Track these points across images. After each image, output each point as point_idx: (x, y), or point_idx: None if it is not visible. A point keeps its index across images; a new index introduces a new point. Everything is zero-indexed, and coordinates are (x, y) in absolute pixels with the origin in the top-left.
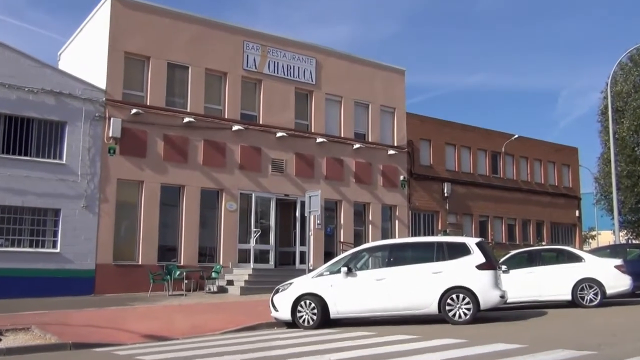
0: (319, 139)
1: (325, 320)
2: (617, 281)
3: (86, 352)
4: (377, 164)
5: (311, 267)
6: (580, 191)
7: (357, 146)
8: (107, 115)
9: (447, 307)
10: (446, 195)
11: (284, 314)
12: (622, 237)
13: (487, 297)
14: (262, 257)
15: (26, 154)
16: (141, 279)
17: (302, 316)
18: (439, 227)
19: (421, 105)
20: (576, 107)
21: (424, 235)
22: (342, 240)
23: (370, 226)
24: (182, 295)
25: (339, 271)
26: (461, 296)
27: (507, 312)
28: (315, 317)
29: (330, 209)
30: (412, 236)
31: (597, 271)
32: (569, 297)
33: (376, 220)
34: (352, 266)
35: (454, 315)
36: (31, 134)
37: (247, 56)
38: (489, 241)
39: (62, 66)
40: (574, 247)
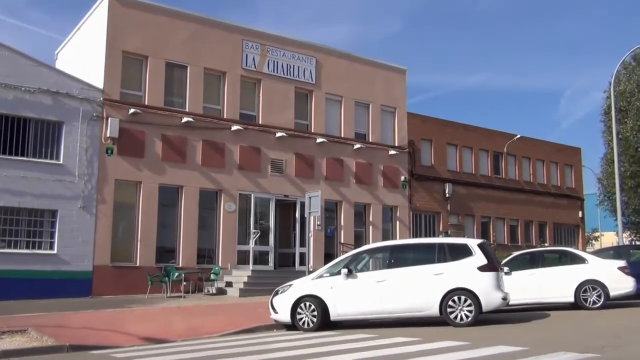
0: (319, 139)
1: (325, 322)
2: (620, 283)
3: (83, 354)
4: (378, 165)
5: (311, 269)
6: (583, 192)
7: (357, 146)
8: (104, 115)
9: (449, 309)
10: (447, 195)
11: (284, 316)
12: (625, 239)
13: (489, 299)
14: (261, 258)
15: (23, 155)
16: (139, 280)
17: (302, 318)
18: (441, 228)
19: (421, 105)
20: (579, 107)
21: (425, 236)
22: (342, 241)
23: (370, 227)
24: (180, 297)
25: (339, 273)
26: (463, 298)
27: (509, 314)
28: (315, 320)
29: (330, 210)
30: (413, 237)
31: (600, 273)
32: (572, 299)
33: (377, 221)
34: (352, 268)
35: (456, 317)
36: (28, 134)
37: (247, 55)
38: (491, 242)
39: (59, 65)
40: (577, 248)
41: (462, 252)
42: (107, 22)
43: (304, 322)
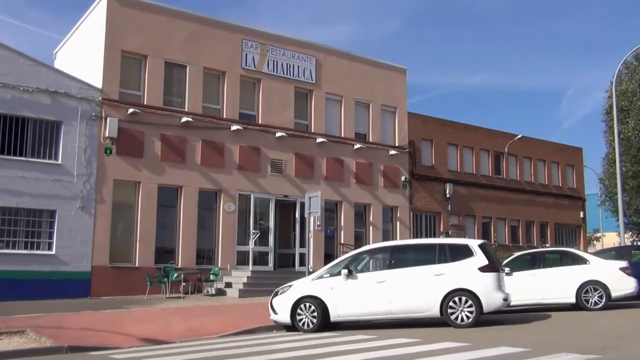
0: (319, 139)
1: (325, 323)
2: (622, 284)
3: (82, 355)
4: (378, 165)
5: (311, 270)
6: (584, 192)
7: (357, 146)
8: (103, 114)
9: (450, 310)
10: (448, 196)
11: (284, 317)
12: (627, 239)
13: (490, 299)
14: (261, 259)
15: (21, 154)
16: (138, 281)
17: (301, 319)
18: (441, 229)
19: (422, 105)
20: (580, 106)
21: (426, 236)
22: (342, 242)
23: (371, 227)
24: (179, 298)
25: (339, 273)
26: (464, 299)
27: (510, 315)
28: (315, 320)
29: (330, 210)
30: (413, 238)
31: (601, 273)
32: (573, 300)
33: (377, 221)
34: (352, 268)
35: (457, 318)
36: (26, 134)
37: (246, 55)
38: (492, 243)
39: (57, 65)
40: (578, 249)
41: (462, 252)
42: (106, 22)
43: (303, 323)
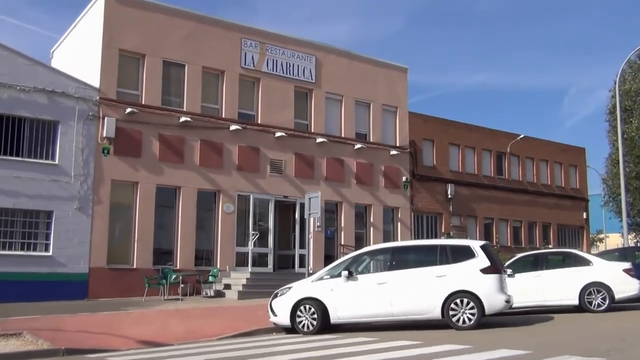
0: (319, 139)
1: (325, 325)
2: (625, 285)
3: (79, 358)
4: (379, 165)
5: (311, 271)
6: (587, 193)
7: (358, 146)
8: (101, 114)
9: (451, 312)
10: (450, 196)
11: (283, 319)
12: (630, 240)
13: (492, 301)
14: (260, 260)
15: (17, 155)
16: (136, 283)
17: (301, 321)
18: (443, 230)
19: (422, 104)
20: (583, 106)
21: (427, 238)
22: (342, 243)
23: (371, 228)
24: (178, 299)
25: (339, 275)
26: (465, 301)
27: (512, 317)
28: (315, 322)
29: (330, 211)
30: (414, 239)
31: (605, 275)
32: (576, 302)
33: (378, 222)
34: (353, 270)
35: (458, 320)
36: (23, 134)
37: (245, 54)
38: (494, 244)
39: (54, 64)
40: (582, 250)
41: (464, 254)
42: (104, 20)
43: (303, 325)
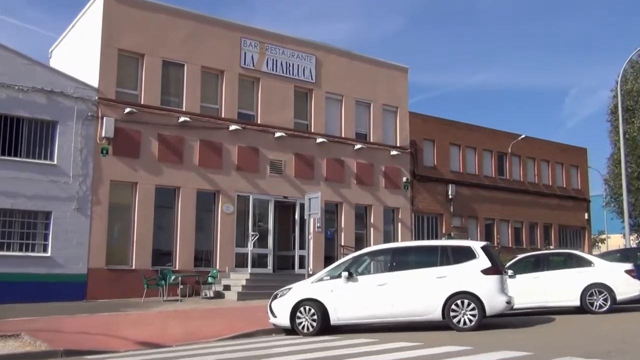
0: (319, 139)
1: (325, 326)
2: (627, 286)
3: (78, 359)
4: (379, 165)
5: (311, 272)
6: (589, 193)
7: (358, 146)
8: (99, 114)
9: (452, 313)
10: (450, 197)
11: (283, 320)
12: (632, 241)
13: (493, 302)
14: (260, 261)
15: (16, 155)
16: (135, 284)
17: (301, 322)
18: (443, 231)
19: (422, 104)
20: (584, 106)
21: (428, 238)
22: (342, 243)
23: (371, 229)
24: (177, 300)
25: (339, 276)
26: (466, 302)
27: (513, 318)
28: (315, 324)
29: (330, 212)
30: (415, 240)
31: (606, 276)
32: (578, 303)
33: (378, 223)
34: (353, 271)
35: (459, 321)
36: (21, 134)
37: (245, 53)
38: (495, 245)
39: (53, 64)
40: (583, 251)
41: (465, 254)
42: (103, 19)
43: (303, 327)
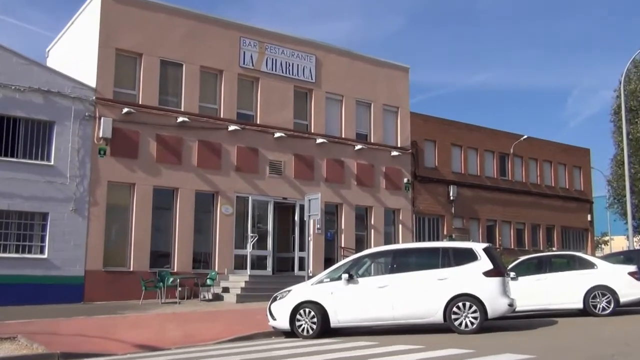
0: (319, 140)
1: (325, 329)
2: (631, 289)
3: None
4: (380, 166)
5: (311, 274)
6: (592, 194)
7: (358, 147)
8: (97, 114)
9: (453, 316)
10: (452, 198)
11: (282, 322)
12: (636, 243)
13: (495, 305)
14: (259, 263)
15: (12, 155)
16: (132, 286)
17: (301, 325)
18: (445, 232)
19: (423, 104)
20: (587, 106)
21: (429, 240)
22: (343, 245)
23: (372, 231)
24: (175, 303)
25: (339, 278)
26: (468, 304)
27: (515, 321)
28: (314, 326)
29: (330, 213)
30: (416, 241)
31: (610, 278)
32: (581, 306)
33: (379, 224)
34: (353, 273)
35: (460, 324)
36: (18, 134)
37: (244, 53)
38: (497, 247)
39: (50, 63)
40: (586, 253)
41: (467, 256)
42: (100, 19)
43: (303, 329)
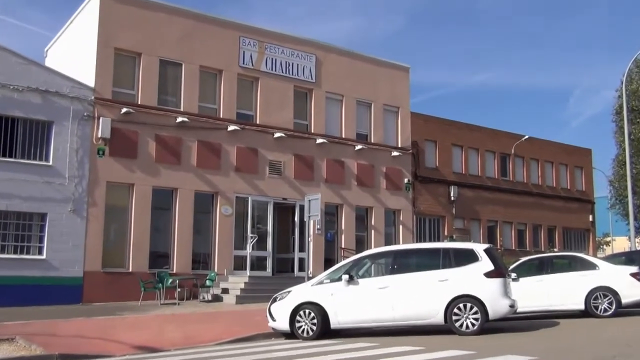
0: (319, 140)
1: (325, 330)
2: (632, 290)
3: None
4: (380, 166)
5: (310, 275)
6: (593, 195)
7: (359, 147)
8: (96, 114)
9: (454, 317)
10: (453, 199)
11: (282, 324)
12: (638, 244)
13: (496, 306)
14: (259, 264)
15: (11, 156)
16: (131, 287)
17: (301, 326)
18: (445, 233)
19: (423, 104)
20: (589, 106)
21: (430, 241)
22: (343, 246)
23: (372, 231)
24: (174, 304)
25: (340, 279)
26: (469, 305)
27: (516, 322)
28: (314, 328)
29: (330, 214)
30: (416, 242)
31: (611, 279)
32: (582, 307)
33: (379, 225)
34: (353, 274)
35: (461, 325)
36: (16, 135)
37: (244, 53)
38: (498, 247)
39: (49, 63)
40: (588, 253)
41: (467, 257)
42: (99, 18)
43: (303, 330)
